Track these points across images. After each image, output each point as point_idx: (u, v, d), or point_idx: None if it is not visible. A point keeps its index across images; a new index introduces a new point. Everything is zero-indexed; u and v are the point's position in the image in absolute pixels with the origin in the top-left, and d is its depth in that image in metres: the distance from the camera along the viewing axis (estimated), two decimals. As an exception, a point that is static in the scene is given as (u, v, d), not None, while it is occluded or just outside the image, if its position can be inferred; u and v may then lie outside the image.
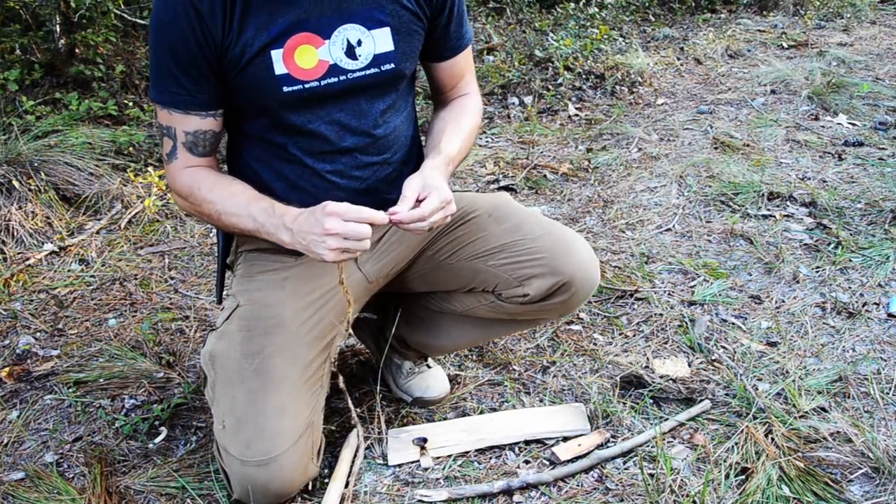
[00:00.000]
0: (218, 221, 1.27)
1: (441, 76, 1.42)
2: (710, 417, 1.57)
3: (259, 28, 1.17)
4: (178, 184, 1.28)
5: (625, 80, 3.95)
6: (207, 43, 1.16)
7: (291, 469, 1.22)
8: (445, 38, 1.36)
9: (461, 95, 1.44)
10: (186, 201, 1.28)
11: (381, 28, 1.24)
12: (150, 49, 1.21)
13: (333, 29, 1.21)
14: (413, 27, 1.28)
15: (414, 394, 1.62)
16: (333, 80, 1.22)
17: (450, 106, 1.43)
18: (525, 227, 1.37)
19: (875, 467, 1.40)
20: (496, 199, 1.45)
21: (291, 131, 1.26)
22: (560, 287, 1.34)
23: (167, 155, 1.28)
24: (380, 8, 1.23)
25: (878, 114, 3.44)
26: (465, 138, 1.36)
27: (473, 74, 1.47)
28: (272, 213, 1.19)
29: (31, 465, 1.48)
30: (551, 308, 1.39)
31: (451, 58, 1.40)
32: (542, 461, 1.46)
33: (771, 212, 2.50)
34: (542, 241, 1.35)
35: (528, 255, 1.34)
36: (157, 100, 1.23)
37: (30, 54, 3.34)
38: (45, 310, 2.04)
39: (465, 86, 1.44)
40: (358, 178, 1.31)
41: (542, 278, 1.33)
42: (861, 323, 1.89)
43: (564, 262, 1.33)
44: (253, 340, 1.27)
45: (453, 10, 1.33)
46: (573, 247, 1.35)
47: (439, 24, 1.33)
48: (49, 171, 2.52)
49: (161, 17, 1.16)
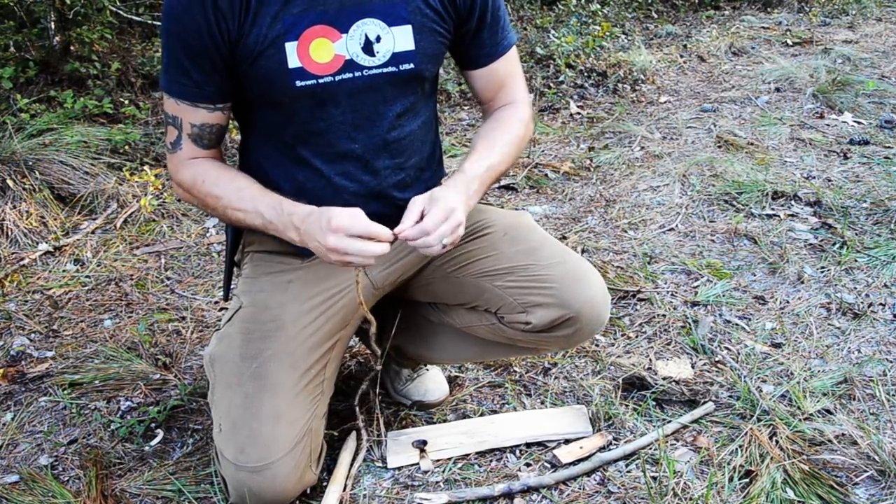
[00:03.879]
0: (223, 215, 1.24)
1: (479, 84, 1.36)
2: (714, 419, 1.55)
3: (274, 18, 1.13)
4: (181, 175, 1.25)
5: (627, 78, 3.93)
6: (221, 34, 1.13)
7: (286, 477, 1.20)
8: (479, 44, 1.30)
9: (504, 105, 1.37)
10: (189, 193, 1.26)
11: (403, 25, 1.20)
12: (162, 37, 1.18)
13: (352, 23, 1.17)
14: (436, 28, 1.23)
15: (413, 397, 1.60)
16: (348, 77, 1.18)
17: (490, 119, 1.36)
18: (539, 252, 1.31)
19: (881, 470, 1.39)
20: (516, 219, 1.39)
21: (302, 130, 1.22)
22: (565, 321, 1.28)
23: (171, 144, 1.25)
24: (402, 4, 1.19)
25: (883, 112, 3.42)
26: (497, 154, 1.28)
27: (521, 81, 1.39)
28: (280, 210, 1.17)
29: (25, 467, 1.47)
30: (552, 340, 1.33)
31: (486, 65, 1.33)
32: (543, 464, 1.45)
33: (775, 211, 2.49)
34: (554, 269, 1.28)
35: (537, 283, 1.28)
36: (167, 89, 1.20)
37: (24, 51, 3.32)
38: (40, 310, 2.03)
39: (508, 94, 1.36)
40: (367, 183, 1.27)
41: (548, 308, 1.27)
42: (867, 324, 1.88)
43: (573, 296, 1.26)
44: (252, 344, 1.26)
45: (485, 14, 1.27)
46: (585, 281, 1.28)
47: (469, 28, 1.28)
48: (44, 169, 2.51)
49: (174, 6, 1.13)
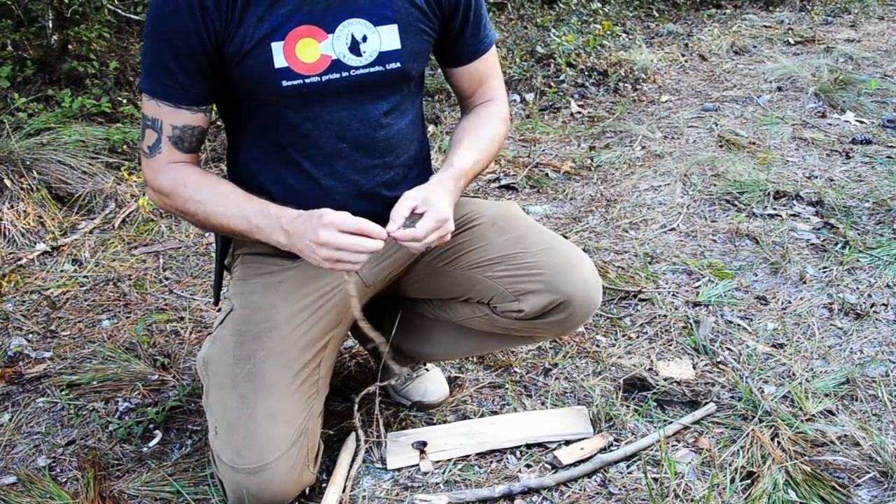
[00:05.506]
0: (203, 221, 1.22)
1: (461, 82, 1.38)
2: (716, 420, 1.55)
3: (260, 18, 1.13)
4: (160, 180, 1.23)
5: (628, 77, 3.92)
6: (208, 35, 1.13)
7: (284, 477, 1.20)
8: (462, 43, 1.33)
9: (484, 102, 1.40)
10: (167, 199, 1.23)
11: (388, 25, 1.20)
12: (146, 37, 1.17)
13: (338, 23, 1.17)
14: (422, 27, 1.24)
15: (412, 398, 1.60)
16: (335, 77, 1.19)
17: (471, 115, 1.39)
18: (527, 240, 1.32)
19: (883, 471, 1.39)
20: (503, 209, 1.40)
21: (290, 130, 1.22)
22: (557, 306, 1.28)
23: (149, 148, 1.22)
24: (388, 3, 1.20)
25: (886, 111, 3.42)
26: (482, 149, 1.31)
27: (500, 80, 1.42)
28: (267, 214, 1.17)
29: (23, 469, 1.46)
30: (546, 327, 1.34)
31: (469, 63, 1.36)
32: (543, 465, 1.44)
33: (777, 211, 2.48)
34: (544, 256, 1.29)
35: (527, 270, 1.29)
36: (148, 90, 1.19)
37: (22, 50, 3.31)
38: (38, 311, 2.03)
39: (488, 91, 1.39)
40: (356, 182, 1.27)
41: (539, 295, 1.28)
42: (869, 324, 1.87)
43: (564, 281, 1.27)
44: (245, 345, 1.25)
45: (469, 13, 1.29)
46: (575, 265, 1.29)
47: (453, 28, 1.30)
48: (41, 169, 2.50)
49: (160, 6, 1.12)
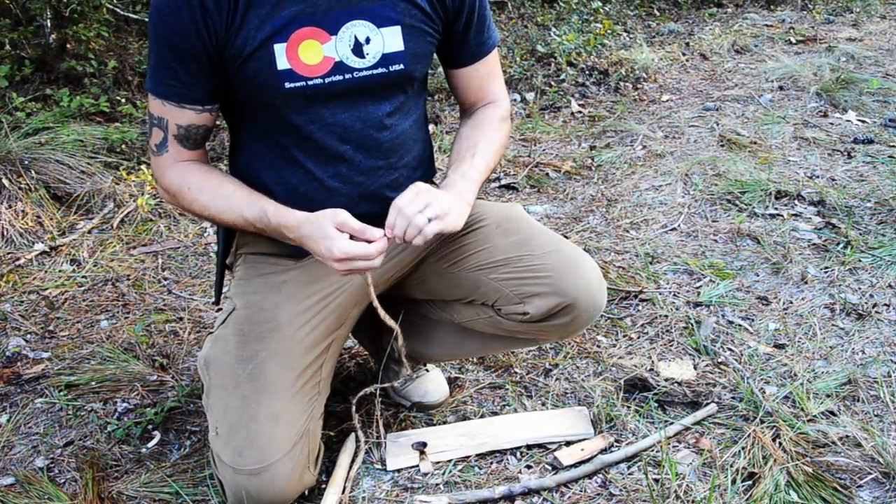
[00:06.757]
0: (215, 220, 1.26)
1: (462, 83, 1.38)
2: (717, 421, 1.54)
3: (262, 20, 1.13)
4: (167, 179, 1.25)
5: (629, 76, 3.91)
6: (209, 35, 1.13)
7: (285, 478, 1.20)
8: (466, 44, 1.32)
9: (486, 104, 1.39)
10: (175, 198, 1.26)
11: (391, 26, 1.20)
12: (149, 38, 1.17)
13: (341, 24, 1.17)
14: (425, 28, 1.24)
15: (412, 398, 1.59)
16: (339, 79, 1.18)
17: (473, 117, 1.39)
18: (533, 242, 1.32)
19: (885, 472, 1.39)
20: (508, 211, 1.40)
21: (293, 132, 1.22)
22: (562, 309, 1.28)
23: (156, 146, 1.24)
24: (391, 5, 1.19)
25: (888, 110, 3.42)
26: (494, 152, 1.32)
27: (501, 80, 1.42)
28: (268, 221, 1.19)
29: (21, 470, 1.46)
30: (551, 330, 1.33)
31: (471, 64, 1.35)
32: (544, 466, 1.44)
33: (778, 211, 2.48)
34: (549, 258, 1.29)
35: (532, 272, 1.29)
36: (153, 90, 1.19)
37: (20, 50, 3.30)
38: (36, 311, 2.02)
39: (490, 94, 1.39)
40: (361, 183, 1.27)
41: (544, 298, 1.28)
42: (871, 325, 1.87)
43: (569, 283, 1.27)
44: (247, 345, 1.25)
45: (473, 15, 1.29)
46: (580, 268, 1.29)
47: (457, 29, 1.29)
48: (40, 169, 2.50)
49: (161, 8, 1.12)
